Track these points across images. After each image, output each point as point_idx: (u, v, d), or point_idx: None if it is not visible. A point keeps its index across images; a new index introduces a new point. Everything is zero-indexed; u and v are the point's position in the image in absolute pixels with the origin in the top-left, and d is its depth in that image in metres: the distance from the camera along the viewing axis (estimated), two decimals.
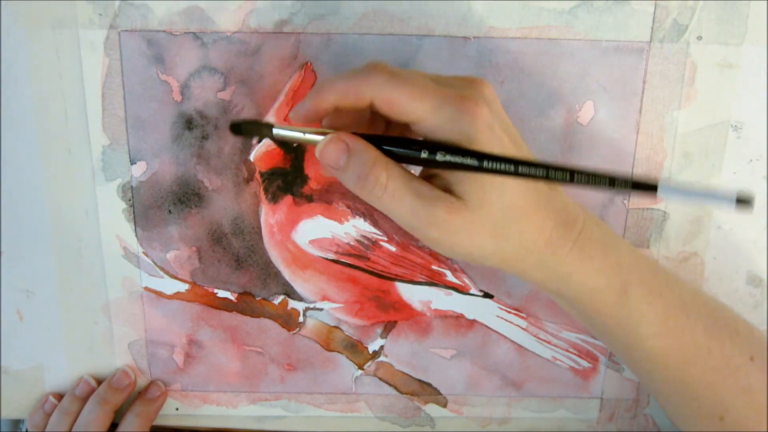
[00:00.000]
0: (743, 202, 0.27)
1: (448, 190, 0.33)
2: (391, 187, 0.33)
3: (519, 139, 0.35)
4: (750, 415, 0.39)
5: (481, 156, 0.32)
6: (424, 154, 0.33)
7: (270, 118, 0.43)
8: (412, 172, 0.34)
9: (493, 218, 0.33)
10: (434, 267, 0.47)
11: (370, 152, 0.33)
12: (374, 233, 0.46)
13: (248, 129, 0.36)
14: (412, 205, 0.33)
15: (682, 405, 0.41)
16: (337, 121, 0.36)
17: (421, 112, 0.32)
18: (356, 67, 0.34)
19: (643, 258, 0.39)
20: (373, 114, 0.35)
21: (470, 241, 0.34)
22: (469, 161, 0.32)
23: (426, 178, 0.35)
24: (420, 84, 0.32)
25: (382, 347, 0.49)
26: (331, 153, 0.34)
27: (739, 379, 0.39)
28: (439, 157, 0.32)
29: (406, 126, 0.34)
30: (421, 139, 0.34)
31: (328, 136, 0.34)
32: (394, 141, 0.34)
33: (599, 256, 0.36)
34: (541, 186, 0.35)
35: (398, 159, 0.34)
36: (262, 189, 0.45)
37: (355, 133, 0.34)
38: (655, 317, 0.37)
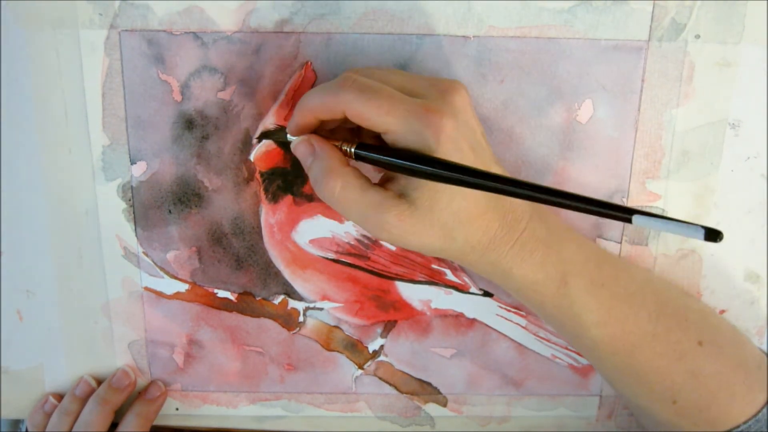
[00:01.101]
0: (712, 235, 0.28)
1: (403, 194, 0.36)
2: (343, 196, 0.36)
3: (483, 148, 0.37)
4: (702, 397, 0.40)
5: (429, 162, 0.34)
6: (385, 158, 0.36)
7: (270, 117, 0.43)
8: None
9: (442, 222, 0.36)
10: (434, 266, 0.47)
11: (330, 160, 0.37)
12: None
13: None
14: (362, 213, 0.37)
15: (635, 390, 0.42)
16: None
17: (388, 125, 0.35)
18: (332, 80, 0.37)
19: (591, 252, 0.41)
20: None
21: (419, 241, 0.37)
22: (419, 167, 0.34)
23: (386, 180, 0.38)
24: (388, 97, 0.35)
25: (382, 347, 0.49)
26: (300, 151, 0.39)
27: (687, 363, 0.40)
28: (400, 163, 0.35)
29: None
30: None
31: (302, 137, 0.38)
32: (365, 147, 0.37)
33: (540, 252, 0.38)
34: None
35: (368, 161, 0.37)
36: (262, 189, 0.45)
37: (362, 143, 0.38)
38: (598, 306, 0.39)
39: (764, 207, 0.45)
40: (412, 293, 0.48)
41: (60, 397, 0.48)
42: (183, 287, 0.47)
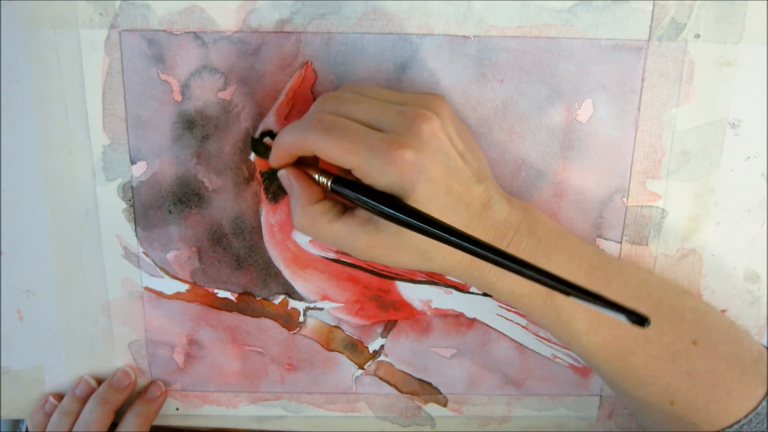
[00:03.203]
0: (638, 320, 0.30)
1: (371, 219, 0.38)
2: (313, 229, 0.39)
3: (461, 169, 0.37)
4: (698, 396, 0.40)
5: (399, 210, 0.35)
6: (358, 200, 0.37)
7: (270, 117, 0.43)
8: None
9: (414, 246, 0.37)
10: None
11: (301, 198, 0.39)
12: None
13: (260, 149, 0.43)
14: (334, 241, 0.39)
15: (632, 393, 0.42)
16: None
17: (352, 164, 0.36)
18: (304, 117, 0.38)
19: (583, 259, 0.41)
20: None
21: (395, 262, 0.39)
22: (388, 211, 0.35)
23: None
24: (351, 136, 0.35)
25: (382, 347, 0.49)
26: (283, 183, 0.40)
27: (681, 363, 0.40)
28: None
29: None
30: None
31: (284, 169, 0.40)
32: (342, 182, 0.38)
33: None
34: (475, 206, 0.37)
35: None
36: (262, 189, 0.45)
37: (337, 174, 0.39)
38: (587, 315, 0.40)
39: (764, 207, 0.45)
40: (413, 293, 0.48)
41: (60, 397, 0.48)
42: (183, 287, 0.47)
